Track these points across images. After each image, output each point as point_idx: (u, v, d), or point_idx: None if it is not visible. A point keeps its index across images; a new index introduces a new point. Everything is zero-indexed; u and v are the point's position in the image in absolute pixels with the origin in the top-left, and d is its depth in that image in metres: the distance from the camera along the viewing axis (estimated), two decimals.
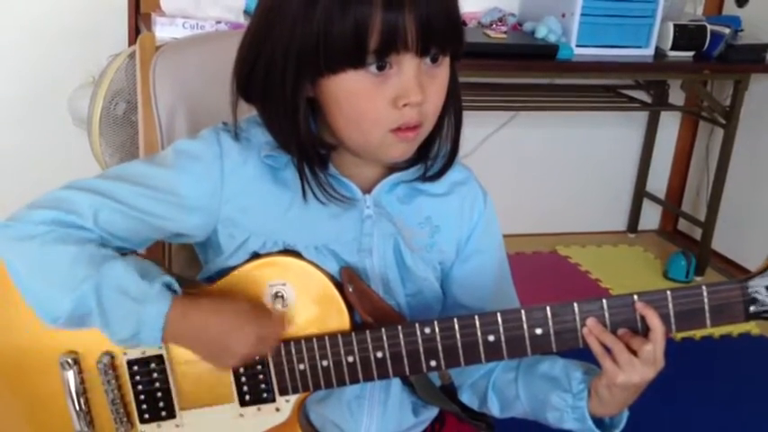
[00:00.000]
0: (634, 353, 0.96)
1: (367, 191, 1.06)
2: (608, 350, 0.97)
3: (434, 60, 0.97)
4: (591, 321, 0.97)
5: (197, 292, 1.03)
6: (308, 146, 1.00)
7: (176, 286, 0.99)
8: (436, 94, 0.99)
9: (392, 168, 1.07)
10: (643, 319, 0.96)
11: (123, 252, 1.01)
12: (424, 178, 1.07)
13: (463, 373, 1.13)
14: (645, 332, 0.97)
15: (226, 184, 1.02)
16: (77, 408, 1.05)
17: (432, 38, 0.94)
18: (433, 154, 1.06)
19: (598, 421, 1.04)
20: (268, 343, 1.00)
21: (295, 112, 0.98)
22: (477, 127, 3.32)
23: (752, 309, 0.97)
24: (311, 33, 0.92)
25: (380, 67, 0.94)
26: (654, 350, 0.96)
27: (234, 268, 1.04)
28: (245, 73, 1.01)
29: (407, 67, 0.94)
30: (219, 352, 0.99)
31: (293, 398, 1.04)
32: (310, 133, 1.00)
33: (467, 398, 1.16)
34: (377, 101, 0.95)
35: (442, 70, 0.99)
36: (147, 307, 0.95)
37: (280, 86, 0.97)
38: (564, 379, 1.05)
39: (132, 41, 2.86)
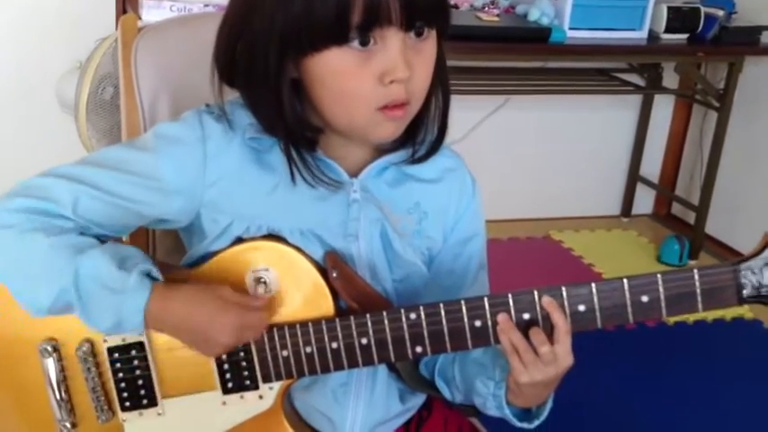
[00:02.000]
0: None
1: (354, 175, 1.04)
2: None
3: (419, 35, 0.95)
4: (502, 318, 0.95)
5: (180, 277, 1.01)
6: (295, 128, 0.98)
7: (155, 273, 0.96)
8: (423, 70, 0.97)
9: (380, 152, 1.05)
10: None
11: (103, 240, 0.99)
12: (413, 160, 1.05)
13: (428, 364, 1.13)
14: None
15: (208, 167, 1.00)
16: (58, 396, 1.04)
17: (416, 11, 0.92)
18: (421, 136, 1.04)
19: (526, 410, 1.03)
20: (251, 332, 0.98)
21: (279, 94, 0.96)
22: (469, 111, 3.30)
23: (744, 292, 0.96)
24: (293, 13, 0.90)
25: (364, 43, 0.92)
26: (553, 350, 0.94)
27: (216, 253, 1.02)
28: (226, 58, 0.99)
29: (392, 42, 0.92)
30: (201, 341, 0.98)
31: (277, 385, 1.03)
32: (296, 115, 0.98)
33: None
34: (362, 78, 0.93)
35: (429, 45, 0.97)
36: (126, 298, 0.93)
37: (263, 69, 0.95)
38: (490, 366, 1.04)
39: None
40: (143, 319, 0.93)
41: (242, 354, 1.01)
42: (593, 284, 0.95)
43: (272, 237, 1.01)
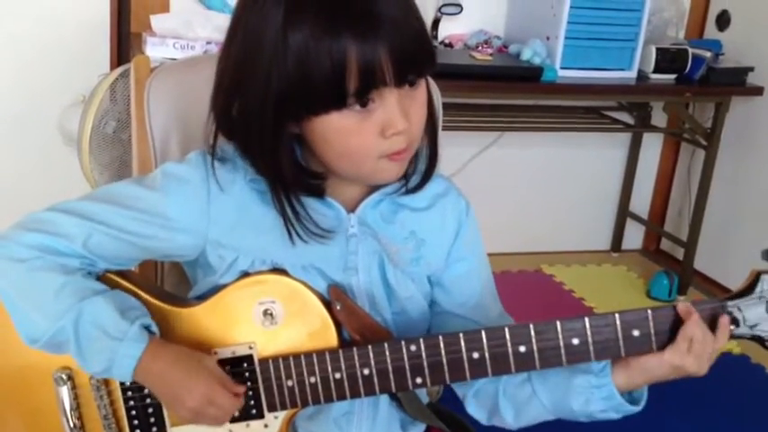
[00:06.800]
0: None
1: (351, 210, 1.08)
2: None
3: (412, 84, 0.99)
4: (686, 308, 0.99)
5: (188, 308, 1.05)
6: (297, 182, 1.02)
7: (154, 328, 1.02)
8: (419, 115, 1.01)
9: (375, 187, 1.08)
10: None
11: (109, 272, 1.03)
12: (406, 191, 1.09)
13: (465, 383, 1.12)
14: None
15: (213, 205, 1.04)
16: (71, 423, 1.07)
17: (408, 67, 0.96)
18: (412, 167, 1.08)
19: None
20: (217, 410, 1.01)
21: (277, 157, 0.99)
22: (462, 147, 3.35)
23: (732, 328, 1.00)
24: (288, 77, 0.93)
25: (363, 104, 0.95)
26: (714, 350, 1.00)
27: (224, 286, 1.05)
28: (223, 114, 1.02)
29: (389, 98, 0.96)
30: (171, 398, 1.02)
31: (282, 414, 1.06)
32: (296, 170, 1.01)
33: (473, 409, 1.14)
34: (364, 134, 0.97)
35: (421, 89, 1.01)
36: (122, 346, 0.98)
37: (259, 131, 0.98)
38: (580, 367, 1.03)
39: (114, 62, 2.88)
40: (134, 367, 0.98)
41: (248, 383, 1.05)
42: (587, 319, 0.99)
43: (277, 271, 1.05)
